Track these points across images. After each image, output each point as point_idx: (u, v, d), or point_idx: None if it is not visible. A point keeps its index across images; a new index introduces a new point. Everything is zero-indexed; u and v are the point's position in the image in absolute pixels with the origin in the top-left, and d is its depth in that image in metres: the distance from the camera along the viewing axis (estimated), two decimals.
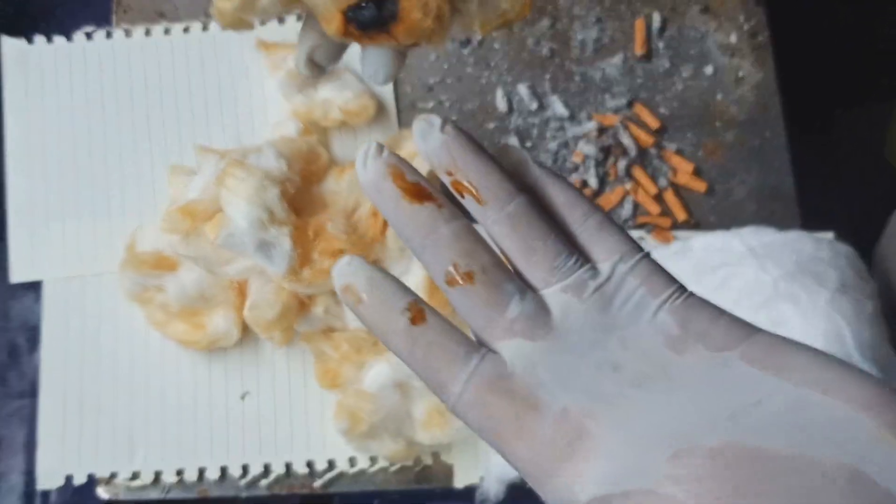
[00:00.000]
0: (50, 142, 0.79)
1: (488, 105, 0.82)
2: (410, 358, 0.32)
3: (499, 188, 0.33)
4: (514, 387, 0.31)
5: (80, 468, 0.71)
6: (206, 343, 0.71)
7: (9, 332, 1.58)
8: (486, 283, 0.32)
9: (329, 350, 0.70)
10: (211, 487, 0.71)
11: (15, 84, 0.81)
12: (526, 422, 0.31)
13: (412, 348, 0.32)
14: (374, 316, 0.32)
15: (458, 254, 0.32)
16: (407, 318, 0.32)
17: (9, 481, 1.47)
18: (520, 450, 0.31)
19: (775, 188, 0.80)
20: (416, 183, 0.33)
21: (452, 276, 0.32)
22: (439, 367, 0.32)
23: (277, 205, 0.67)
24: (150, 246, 0.73)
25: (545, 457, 0.31)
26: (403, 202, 0.33)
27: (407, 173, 0.33)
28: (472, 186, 0.33)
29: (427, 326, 0.32)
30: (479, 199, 0.33)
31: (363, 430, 0.67)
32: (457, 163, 0.33)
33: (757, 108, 0.82)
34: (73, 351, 0.74)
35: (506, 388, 0.31)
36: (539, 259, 0.33)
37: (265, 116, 0.79)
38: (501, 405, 0.31)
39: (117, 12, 0.83)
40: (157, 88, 0.80)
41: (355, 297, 0.32)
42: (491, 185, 0.33)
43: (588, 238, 0.34)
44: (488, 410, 0.31)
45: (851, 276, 0.70)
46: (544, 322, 0.32)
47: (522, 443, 0.31)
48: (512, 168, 0.34)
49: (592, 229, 0.34)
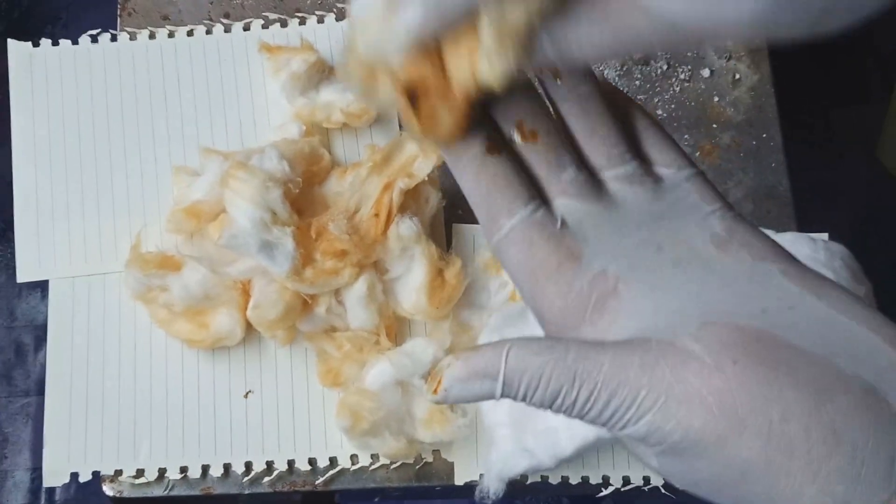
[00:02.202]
0: (56, 144, 0.80)
1: None
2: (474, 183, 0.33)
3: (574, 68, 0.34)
4: (562, 236, 0.33)
5: (86, 465, 0.72)
6: (210, 342, 0.72)
7: (15, 331, 1.59)
8: (549, 144, 0.34)
9: (331, 349, 0.71)
10: (214, 484, 0.72)
11: (21, 87, 0.81)
12: (565, 271, 0.32)
13: (479, 174, 0.33)
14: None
15: (527, 113, 0.34)
16: (484, 144, 0.33)
17: (15, 478, 1.48)
18: (552, 296, 0.32)
19: (771, 189, 0.81)
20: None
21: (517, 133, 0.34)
22: (499, 199, 0.33)
23: (280, 205, 0.68)
24: (154, 246, 0.74)
25: (575, 308, 0.32)
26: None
27: None
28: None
29: (500, 159, 0.33)
30: (556, 73, 0.34)
31: (365, 428, 0.68)
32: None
33: (753, 109, 0.83)
34: (79, 349, 0.75)
35: (554, 234, 0.33)
36: (599, 142, 0.34)
37: (268, 119, 0.80)
38: (547, 248, 0.32)
39: (122, 16, 0.84)
40: (161, 91, 0.81)
41: None
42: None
43: (650, 146, 0.35)
44: (533, 251, 0.32)
45: (847, 278, 0.71)
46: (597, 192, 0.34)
47: (556, 290, 0.32)
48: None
49: (655, 138, 0.35)
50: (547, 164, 0.34)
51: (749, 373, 0.28)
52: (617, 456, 0.72)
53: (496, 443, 0.70)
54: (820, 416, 0.28)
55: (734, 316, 0.30)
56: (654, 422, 0.29)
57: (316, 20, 0.84)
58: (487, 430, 0.71)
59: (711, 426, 0.28)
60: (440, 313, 0.72)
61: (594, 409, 0.30)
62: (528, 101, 0.34)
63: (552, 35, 0.30)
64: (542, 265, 0.32)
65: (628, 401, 0.29)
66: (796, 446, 0.28)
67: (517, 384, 0.30)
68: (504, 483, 0.69)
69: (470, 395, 0.31)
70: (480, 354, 0.31)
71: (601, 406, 0.29)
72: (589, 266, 0.32)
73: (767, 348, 0.29)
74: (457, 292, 0.72)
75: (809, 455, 0.27)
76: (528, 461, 0.68)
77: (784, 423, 0.28)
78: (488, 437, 0.70)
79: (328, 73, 0.79)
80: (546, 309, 0.32)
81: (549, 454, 0.68)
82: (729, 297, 0.31)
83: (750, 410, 0.28)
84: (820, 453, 0.27)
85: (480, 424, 0.71)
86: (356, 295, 0.71)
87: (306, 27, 0.83)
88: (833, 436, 0.28)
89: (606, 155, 0.34)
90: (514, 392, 0.30)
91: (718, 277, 0.32)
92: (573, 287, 0.32)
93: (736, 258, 0.32)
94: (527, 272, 0.32)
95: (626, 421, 0.29)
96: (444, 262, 0.72)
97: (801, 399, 0.28)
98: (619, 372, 0.29)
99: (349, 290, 0.71)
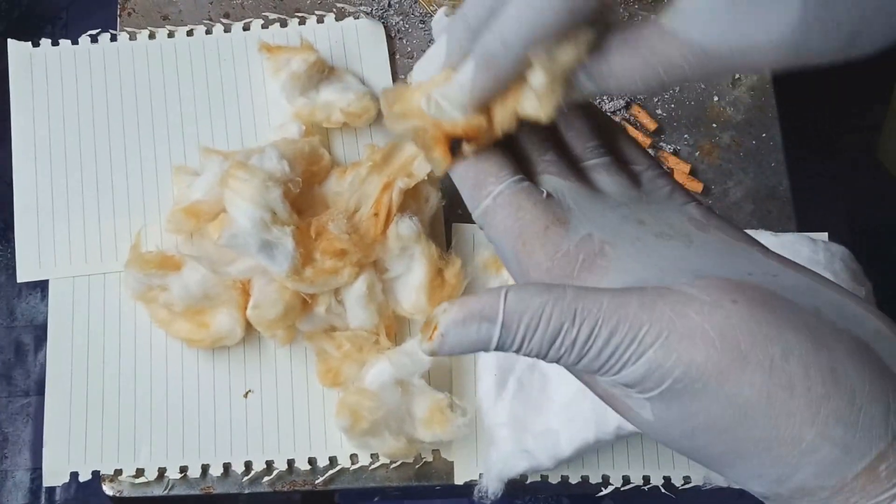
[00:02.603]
0: (56, 143, 0.80)
1: None
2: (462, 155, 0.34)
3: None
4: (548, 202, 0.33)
5: (85, 465, 0.72)
6: (210, 342, 0.72)
7: (15, 331, 1.59)
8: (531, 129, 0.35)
9: (331, 348, 0.71)
10: (214, 484, 0.72)
11: (21, 87, 0.82)
12: (553, 234, 0.32)
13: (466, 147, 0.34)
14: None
15: None
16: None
17: (15, 478, 1.48)
18: (539, 257, 0.32)
19: (771, 189, 0.81)
20: None
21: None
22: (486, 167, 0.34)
23: (280, 205, 0.68)
24: (154, 246, 0.74)
25: (562, 268, 0.32)
26: None
27: None
28: None
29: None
30: None
31: (364, 428, 0.68)
32: None
33: (753, 109, 0.83)
34: (79, 349, 0.75)
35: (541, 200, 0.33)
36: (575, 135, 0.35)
37: (267, 118, 0.81)
38: (534, 212, 0.33)
39: (122, 16, 0.84)
40: (161, 91, 0.81)
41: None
42: None
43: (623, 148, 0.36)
44: (520, 213, 0.33)
45: (847, 280, 0.71)
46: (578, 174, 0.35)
47: (544, 251, 0.32)
48: None
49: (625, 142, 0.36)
50: (531, 146, 0.35)
51: (748, 311, 0.28)
52: (617, 456, 0.72)
53: (496, 443, 0.70)
54: (819, 356, 0.27)
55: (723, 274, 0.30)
56: (654, 359, 0.28)
57: (316, 20, 0.84)
58: (487, 431, 0.71)
59: (714, 360, 0.28)
60: None
61: (594, 347, 0.29)
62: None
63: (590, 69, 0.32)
64: (529, 227, 0.33)
65: (629, 337, 0.29)
66: (796, 384, 0.27)
67: (516, 325, 0.30)
68: (503, 483, 0.69)
69: (467, 341, 0.30)
70: (478, 297, 0.30)
71: (601, 344, 0.29)
72: (576, 230, 0.32)
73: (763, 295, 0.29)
74: (456, 292, 0.72)
75: (809, 394, 0.27)
76: (527, 462, 0.68)
77: (784, 360, 0.27)
78: (488, 437, 0.70)
79: (328, 72, 0.79)
80: (533, 270, 0.32)
81: (548, 455, 0.68)
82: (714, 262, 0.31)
83: (752, 345, 0.28)
84: (819, 393, 0.27)
85: (480, 424, 0.71)
86: (356, 294, 0.71)
87: (306, 27, 0.83)
88: (832, 376, 0.27)
89: (583, 147, 0.35)
90: (512, 335, 0.30)
91: (701, 249, 0.32)
92: (560, 248, 0.32)
93: (716, 237, 0.33)
94: (514, 235, 0.33)
95: (626, 360, 0.29)
96: (444, 262, 0.73)
97: (801, 339, 0.28)
98: (620, 308, 0.29)
99: (349, 289, 0.71)
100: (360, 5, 0.85)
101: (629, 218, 0.33)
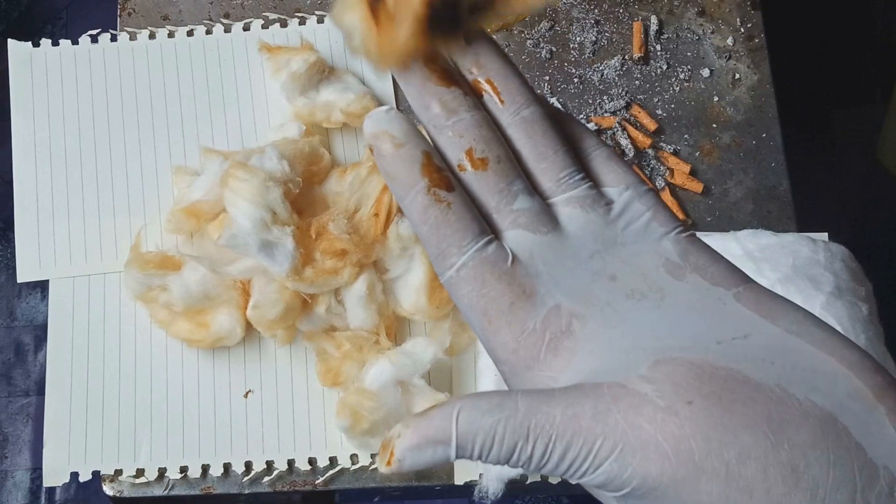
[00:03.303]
0: (56, 143, 0.80)
1: None
2: (423, 218, 0.32)
3: (518, 92, 0.33)
4: (514, 273, 0.32)
5: (86, 465, 0.72)
6: (210, 342, 0.72)
7: (15, 331, 1.59)
8: (499, 172, 0.33)
9: (331, 348, 0.71)
10: (214, 484, 0.72)
11: (21, 87, 0.82)
12: (518, 310, 0.31)
13: (428, 209, 0.32)
14: (400, 169, 0.32)
15: (476, 140, 0.33)
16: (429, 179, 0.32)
17: (15, 478, 1.48)
18: (505, 335, 0.31)
19: (771, 189, 0.81)
20: (446, 67, 0.33)
21: (467, 160, 0.33)
22: (448, 234, 0.32)
23: (280, 205, 0.68)
24: (154, 246, 0.74)
25: (528, 348, 0.31)
26: (430, 83, 0.33)
27: (438, 58, 0.33)
28: (493, 86, 0.33)
29: (447, 193, 0.32)
30: (498, 97, 0.33)
31: (364, 428, 0.68)
32: (480, 61, 0.34)
33: (753, 109, 0.83)
34: (79, 349, 0.75)
35: (506, 272, 0.32)
36: (548, 167, 0.33)
37: (268, 118, 0.81)
38: (499, 287, 0.32)
39: (122, 16, 0.84)
40: (161, 91, 0.81)
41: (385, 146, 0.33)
42: (511, 87, 0.33)
43: (597, 166, 0.34)
44: (484, 289, 0.32)
45: (847, 280, 0.71)
46: (548, 222, 0.33)
47: (510, 329, 0.31)
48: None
49: (601, 158, 0.34)
50: (497, 194, 0.33)
51: (703, 415, 0.28)
52: None
53: None
54: (778, 454, 0.27)
55: (688, 350, 0.30)
56: (611, 470, 0.28)
57: (316, 20, 0.84)
58: None
59: (669, 472, 0.28)
60: (440, 313, 0.72)
61: (550, 461, 0.29)
62: (478, 128, 0.33)
63: None
64: (494, 304, 0.32)
65: (584, 451, 0.29)
66: (755, 487, 0.27)
67: (471, 446, 0.30)
68: (503, 483, 0.69)
69: (424, 462, 0.30)
70: (430, 420, 0.30)
71: (557, 458, 0.29)
72: (543, 303, 0.31)
73: (722, 386, 0.29)
74: None
75: (769, 495, 0.27)
76: None
77: (741, 465, 0.27)
78: None
79: (328, 72, 0.79)
80: (500, 350, 0.32)
81: None
82: (683, 329, 0.31)
83: (706, 455, 0.27)
84: (779, 493, 0.27)
85: None
86: (356, 294, 0.71)
87: (306, 27, 0.83)
88: (792, 474, 0.27)
89: (555, 179, 0.33)
90: (468, 454, 0.30)
91: (672, 308, 0.31)
92: (527, 325, 0.31)
93: (690, 285, 0.32)
94: (479, 312, 0.32)
95: (584, 471, 0.29)
96: None
97: (758, 439, 0.28)
98: (573, 422, 0.29)
99: (349, 289, 0.71)
100: None
101: (601, 274, 0.32)
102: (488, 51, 0.34)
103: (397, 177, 0.32)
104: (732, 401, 0.28)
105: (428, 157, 0.32)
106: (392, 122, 0.33)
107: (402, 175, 0.32)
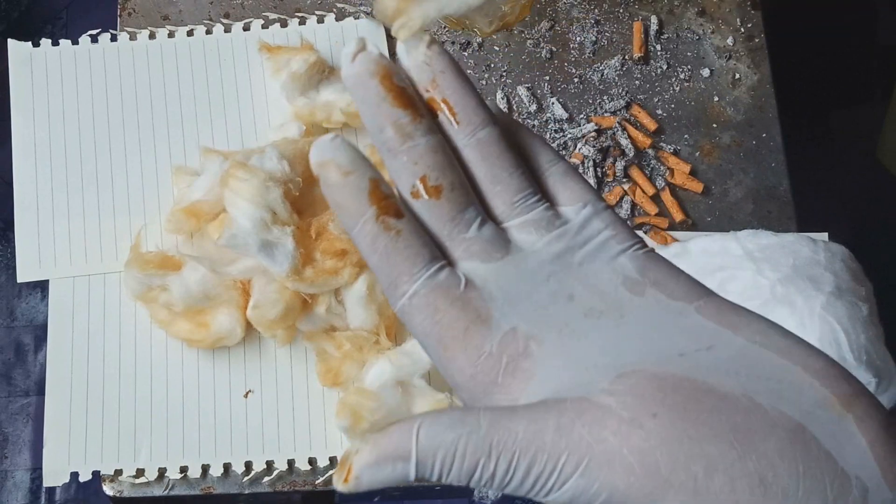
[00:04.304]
0: (56, 143, 0.80)
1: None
2: (372, 247, 0.31)
3: (474, 112, 0.33)
4: (467, 298, 0.31)
5: (86, 465, 0.72)
6: (210, 342, 0.72)
7: (15, 331, 1.59)
8: (452, 201, 0.32)
9: (331, 348, 0.71)
10: (214, 484, 0.72)
11: (21, 87, 0.82)
12: (473, 335, 0.31)
13: (377, 238, 0.31)
14: (347, 198, 0.32)
15: (430, 167, 0.32)
16: (378, 206, 0.31)
17: (15, 478, 1.48)
18: (462, 361, 0.31)
19: (771, 189, 0.81)
20: (402, 87, 0.32)
21: (421, 188, 0.32)
22: (399, 262, 0.31)
23: (280, 205, 0.68)
24: (154, 246, 0.74)
25: (486, 372, 0.30)
26: (386, 103, 0.32)
27: (395, 76, 0.32)
28: (449, 106, 0.33)
29: (397, 221, 0.32)
30: (454, 118, 0.33)
31: (365, 428, 0.68)
32: (437, 80, 0.33)
33: (753, 109, 0.83)
34: (79, 349, 0.75)
35: (459, 298, 0.31)
36: (502, 190, 0.33)
37: (268, 118, 0.81)
38: (452, 313, 0.31)
39: (122, 16, 0.84)
40: (161, 91, 0.81)
41: (332, 175, 0.32)
42: (467, 107, 0.33)
43: (554, 183, 0.34)
44: (438, 316, 0.31)
45: (847, 280, 0.71)
46: (501, 247, 0.32)
47: (466, 355, 0.31)
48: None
49: (558, 175, 0.34)
50: (450, 222, 0.32)
51: (668, 427, 0.27)
52: None
53: None
54: (745, 465, 0.27)
55: (650, 363, 0.29)
56: (577, 486, 0.28)
57: (316, 20, 0.84)
58: None
59: (636, 486, 0.27)
60: None
61: (514, 479, 0.28)
62: (433, 154, 0.32)
63: None
64: (448, 331, 0.31)
65: (549, 467, 0.28)
66: (723, 500, 0.27)
67: (431, 462, 0.29)
68: None
69: (382, 480, 0.30)
70: (389, 436, 0.29)
71: (521, 475, 0.28)
72: (498, 326, 0.31)
73: (686, 397, 0.28)
74: None
75: None
76: None
77: (708, 477, 0.27)
78: None
79: (328, 72, 0.79)
80: (457, 376, 0.31)
81: None
82: (644, 344, 0.30)
83: (673, 469, 0.27)
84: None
85: None
86: (356, 294, 0.71)
87: (306, 27, 0.83)
88: (760, 485, 0.27)
89: (510, 203, 0.33)
90: (428, 472, 0.29)
91: (633, 324, 0.31)
92: (483, 350, 0.30)
93: (650, 301, 0.31)
94: (434, 339, 0.31)
95: (550, 488, 0.28)
96: None
97: (724, 450, 0.27)
98: (536, 438, 0.28)
99: (349, 289, 0.71)
100: (360, 5, 0.85)
101: (558, 294, 0.31)
102: (446, 69, 0.33)
103: (345, 206, 0.32)
104: (698, 411, 0.28)
105: (375, 185, 0.32)
106: (338, 151, 0.32)
107: (350, 204, 0.32)
